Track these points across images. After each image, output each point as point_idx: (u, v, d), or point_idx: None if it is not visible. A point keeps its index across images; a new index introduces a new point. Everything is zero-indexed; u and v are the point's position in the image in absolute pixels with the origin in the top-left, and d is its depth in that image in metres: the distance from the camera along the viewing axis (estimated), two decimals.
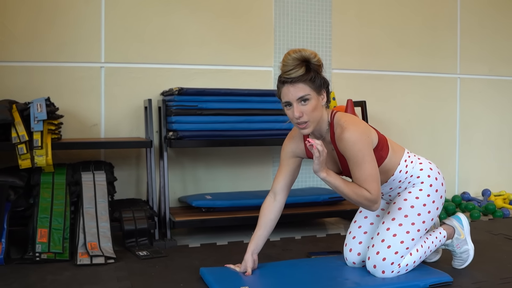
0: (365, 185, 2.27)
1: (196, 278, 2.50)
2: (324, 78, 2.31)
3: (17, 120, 3.00)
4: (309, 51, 2.25)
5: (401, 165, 2.49)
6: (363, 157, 2.27)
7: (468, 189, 4.67)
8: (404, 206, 2.47)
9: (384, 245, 2.43)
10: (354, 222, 2.69)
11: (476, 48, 4.67)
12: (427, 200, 2.49)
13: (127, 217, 3.13)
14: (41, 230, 2.90)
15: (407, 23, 4.41)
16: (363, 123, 2.38)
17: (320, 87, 2.28)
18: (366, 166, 2.27)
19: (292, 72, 2.23)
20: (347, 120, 2.33)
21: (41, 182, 3.06)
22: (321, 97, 2.31)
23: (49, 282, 2.46)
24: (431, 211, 2.49)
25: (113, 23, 3.63)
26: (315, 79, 2.26)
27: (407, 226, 2.44)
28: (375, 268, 2.43)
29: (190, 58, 3.81)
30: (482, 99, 4.72)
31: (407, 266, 2.45)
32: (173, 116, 3.31)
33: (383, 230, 2.46)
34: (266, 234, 2.53)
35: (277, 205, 2.53)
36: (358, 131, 2.28)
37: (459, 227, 2.68)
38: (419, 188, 2.50)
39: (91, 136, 3.62)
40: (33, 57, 3.48)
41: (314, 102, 2.27)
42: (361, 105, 3.87)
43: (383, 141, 2.45)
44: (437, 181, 2.53)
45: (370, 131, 2.37)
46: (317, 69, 2.27)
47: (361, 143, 2.27)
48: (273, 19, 3.98)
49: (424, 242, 2.53)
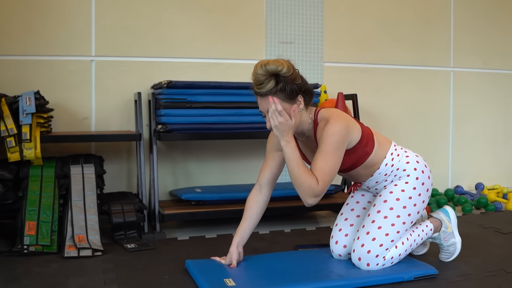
0: (319, 174, 2.22)
1: (182, 270, 2.51)
2: (298, 84, 2.27)
3: (6, 113, 3.00)
4: (277, 63, 2.21)
5: (387, 158, 2.48)
6: (333, 150, 2.24)
7: (462, 183, 4.67)
8: (389, 199, 2.47)
9: (369, 238, 2.43)
10: (341, 214, 2.69)
11: (469, 41, 4.66)
12: (413, 193, 2.48)
13: (116, 210, 3.13)
14: (29, 223, 2.91)
15: (399, 15, 4.40)
16: (348, 118, 2.36)
17: (292, 95, 2.27)
18: (330, 158, 2.24)
19: (261, 86, 2.24)
20: (332, 114, 2.33)
21: (30, 175, 3.07)
22: (297, 104, 2.29)
23: (35, 274, 2.47)
24: (417, 204, 2.49)
25: (103, 17, 3.63)
26: (286, 89, 2.24)
27: (392, 218, 2.44)
28: (360, 260, 2.43)
29: (181, 52, 3.81)
30: (475, 93, 4.71)
31: (392, 259, 2.45)
32: (162, 109, 3.31)
33: (368, 222, 2.46)
34: (252, 226, 2.54)
35: (263, 198, 2.53)
36: (340, 124, 2.27)
37: (446, 220, 2.67)
38: (405, 181, 2.49)
39: (82, 129, 3.63)
40: (25, 51, 3.48)
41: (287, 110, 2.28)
42: (352, 98, 3.86)
43: (368, 136, 2.44)
44: (423, 174, 2.52)
45: (353, 128, 2.35)
46: (287, 79, 2.24)
47: (337, 136, 2.25)
48: (264, 12, 3.98)
49: (410, 235, 2.52)
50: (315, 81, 4.07)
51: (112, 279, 2.41)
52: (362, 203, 2.66)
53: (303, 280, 2.29)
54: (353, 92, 3.91)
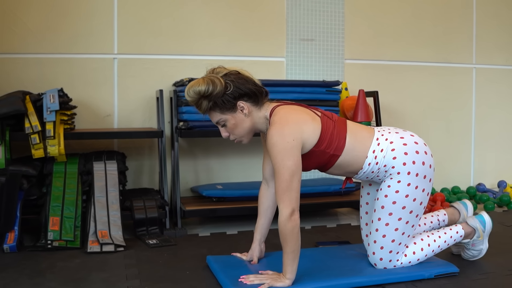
0: (279, 201, 2.16)
1: (203, 266, 2.54)
2: (231, 93, 2.23)
3: (30, 111, 3.05)
4: (196, 85, 2.21)
5: (369, 157, 2.34)
6: (281, 160, 2.14)
7: (484, 181, 4.63)
8: (386, 204, 2.36)
9: (377, 246, 2.41)
10: (361, 218, 2.65)
11: (492, 37, 4.61)
12: (409, 190, 2.34)
13: (138, 206, 3.17)
14: (53, 218, 2.96)
15: (421, 12, 4.37)
16: (292, 121, 2.22)
17: (231, 106, 2.25)
18: (283, 172, 2.14)
19: (199, 109, 2.28)
20: (274, 120, 2.24)
21: (53, 171, 3.12)
22: (239, 110, 2.27)
23: (58, 268, 2.52)
24: (417, 197, 2.36)
25: (126, 15, 3.67)
26: (218, 103, 2.24)
27: (394, 223, 2.37)
28: (376, 266, 2.44)
29: (202, 49, 3.83)
30: (498, 90, 4.67)
31: (410, 264, 2.43)
32: (183, 106, 3.33)
33: (373, 230, 2.42)
34: (268, 221, 2.57)
35: (271, 191, 2.54)
36: (278, 132, 2.17)
37: (481, 229, 2.59)
38: (397, 180, 2.33)
39: (105, 126, 3.67)
40: (47, 49, 3.53)
41: (232, 121, 2.28)
42: (373, 95, 3.85)
43: (332, 139, 2.30)
44: (414, 165, 2.33)
45: (301, 132, 2.21)
46: (215, 95, 2.21)
47: (278, 146, 2.15)
48: (285, 10, 3.98)
49: (434, 241, 2.48)
50: (336, 78, 4.07)
51: (134, 274, 2.44)
52: (371, 204, 2.59)
53: (323, 276, 2.30)
54: (374, 89, 3.89)
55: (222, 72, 2.27)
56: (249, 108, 2.28)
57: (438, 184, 4.40)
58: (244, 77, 2.28)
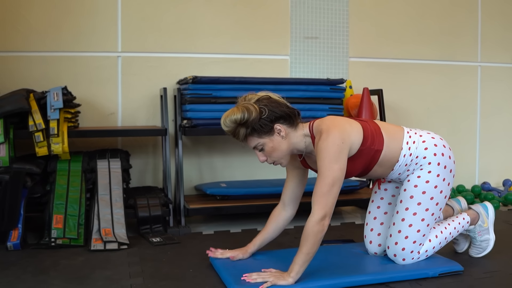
0: (318, 197, 2.18)
1: (207, 265, 2.53)
2: (266, 117, 2.24)
3: (34, 109, 3.05)
4: (232, 114, 2.22)
5: (404, 149, 2.42)
6: (329, 163, 2.18)
7: (489, 179, 4.61)
8: (415, 194, 2.42)
9: (401, 236, 2.42)
10: (369, 213, 2.67)
11: (497, 35, 4.59)
12: (438, 180, 2.42)
13: (141, 204, 3.17)
14: (56, 216, 2.96)
15: (425, 9, 4.35)
16: (342, 124, 2.29)
17: (268, 130, 2.26)
18: (328, 174, 2.17)
19: (237, 137, 2.28)
20: (324, 126, 2.27)
21: (57, 169, 3.12)
22: (277, 133, 2.28)
23: (62, 266, 2.52)
24: (443, 190, 2.44)
25: (129, 13, 3.67)
26: (256, 129, 2.24)
27: (422, 213, 2.41)
28: (396, 256, 2.45)
29: (206, 47, 3.82)
30: (503, 88, 4.64)
31: (426, 252, 2.47)
32: (187, 104, 3.33)
33: (398, 220, 2.44)
34: (270, 239, 2.58)
35: (286, 215, 2.57)
36: (332, 136, 2.21)
37: (484, 215, 2.66)
38: (428, 170, 2.41)
39: (109, 124, 3.67)
40: (51, 47, 3.53)
41: (270, 144, 2.28)
42: (377, 93, 3.84)
43: (374, 134, 2.37)
44: (443, 157, 2.45)
45: (349, 133, 2.27)
46: (252, 121, 2.22)
47: (328, 149, 2.19)
48: (289, 7, 3.97)
49: (445, 228, 2.53)
50: (341, 76, 4.06)
51: (137, 272, 2.44)
52: (386, 198, 2.63)
53: (327, 275, 2.29)
54: (379, 87, 3.88)
55: (254, 98, 2.28)
56: (285, 130, 2.29)
57: None
58: (275, 101, 2.30)
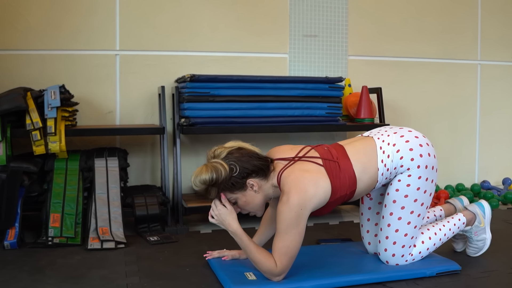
0: (276, 256, 2.17)
1: (203, 264, 2.53)
2: (238, 174, 2.21)
3: (31, 107, 3.05)
4: (207, 173, 2.19)
5: (380, 168, 2.34)
6: (287, 229, 2.15)
7: (489, 178, 4.60)
8: (398, 198, 2.36)
9: (389, 242, 2.41)
10: (362, 214, 2.66)
11: (497, 33, 4.57)
12: (420, 182, 2.35)
13: (139, 202, 3.16)
14: (54, 215, 2.95)
15: (425, 8, 4.34)
16: (307, 187, 2.18)
17: (240, 186, 2.24)
18: (286, 237, 2.15)
19: (208, 196, 2.28)
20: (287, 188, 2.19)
21: (54, 168, 3.11)
22: (249, 187, 2.25)
23: (58, 265, 2.52)
24: (427, 189, 2.38)
25: (127, 11, 3.65)
26: (227, 186, 2.22)
27: (407, 217, 2.38)
28: (388, 263, 2.44)
29: (205, 45, 3.81)
30: (503, 86, 4.63)
31: (420, 254, 2.45)
32: (185, 103, 3.32)
33: (384, 226, 2.42)
34: (265, 239, 2.57)
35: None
36: (293, 202, 2.14)
37: (481, 215, 2.64)
38: (408, 174, 2.34)
39: (107, 123, 3.66)
40: (49, 45, 3.52)
41: (243, 199, 2.27)
42: (376, 91, 3.83)
43: (344, 182, 2.27)
44: (422, 158, 2.35)
45: (312, 197, 2.18)
46: (223, 180, 2.20)
47: (290, 214, 2.13)
48: (288, 5, 3.95)
49: (439, 230, 2.52)
50: (340, 74, 4.04)
51: (134, 271, 2.44)
52: (376, 198, 2.60)
53: (324, 274, 2.30)
54: (378, 86, 3.87)
55: (223, 153, 2.24)
56: (258, 184, 2.26)
57: (442, 181, 4.37)
58: (246, 153, 2.26)
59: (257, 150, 2.31)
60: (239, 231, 2.24)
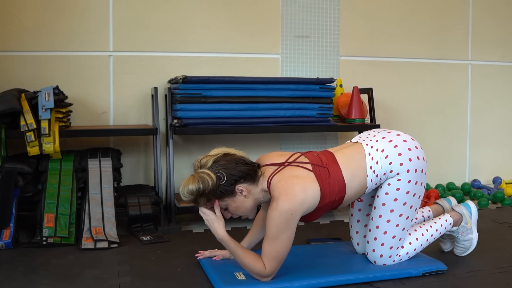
0: (265, 259, 2.20)
1: (195, 263, 2.57)
2: (226, 182, 2.23)
3: (26, 109, 3.08)
4: (194, 183, 2.20)
5: (369, 175, 2.37)
6: (277, 233, 2.17)
7: (480, 177, 4.65)
8: (387, 201, 2.40)
9: (377, 243, 2.45)
10: (352, 215, 2.69)
11: (488, 33, 4.61)
12: (409, 186, 2.38)
13: (132, 202, 3.20)
14: (48, 215, 2.99)
15: (416, 8, 4.37)
16: (296, 192, 2.21)
17: (229, 193, 2.26)
18: (275, 242, 2.18)
19: (198, 205, 2.29)
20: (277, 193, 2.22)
21: (48, 168, 3.15)
22: (239, 193, 2.28)
23: (52, 265, 2.56)
24: (416, 192, 2.41)
25: (121, 12, 3.68)
26: (218, 194, 2.25)
27: (395, 219, 2.41)
28: (376, 263, 2.48)
29: (197, 46, 3.84)
30: (494, 86, 4.67)
31: (407, 255, 2.50)
32: (177, 104, 3.35)
33: (373, 227, 2.46)
34: (257, 240, 2.60)
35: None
36: (283, 207, 2.16)
37: (468, 215, 2.67)
38: (398, 179, 2.37)
39: (101, 123, 3.69)
40: (43, 46, 3.55)
41: (233, 205, 2.30)
42: (367, 92, 3.87)
43: (333, 188, 2.30)
44: (411, 162, 2.37)
45: (302, 203, 2.20)
46: (212, 189, 2.22)
47: (280, 220, 2.16)
48: (280, 6, 3.99)
49: (426, 230, 2.55)
50: (331, 75, 4.08)
51: (126, 271, 2.48)
52: (366, 200, 2.64)
53: (311, 274, 2.34)
54: (370, 86, 3.91)
55: (209, 162, 2.26)
56: (247, 188, 2.28)
57: (433, 180, 4.42)
58: (233, 160, 2.28)
59: (243, 154, 2.34)
60: (226, 237, 2.28)
